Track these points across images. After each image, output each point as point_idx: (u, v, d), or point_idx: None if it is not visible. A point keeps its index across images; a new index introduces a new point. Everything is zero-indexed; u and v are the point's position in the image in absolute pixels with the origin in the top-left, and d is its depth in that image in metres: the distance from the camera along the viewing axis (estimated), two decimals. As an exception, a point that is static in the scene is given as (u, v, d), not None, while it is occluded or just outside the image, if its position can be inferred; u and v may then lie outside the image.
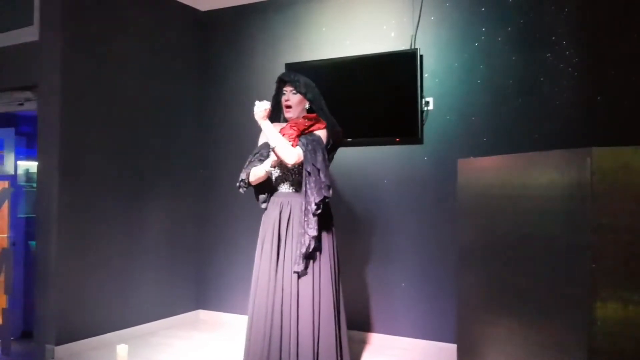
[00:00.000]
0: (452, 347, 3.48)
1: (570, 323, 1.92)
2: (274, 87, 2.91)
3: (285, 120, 3.01)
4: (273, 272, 2.83)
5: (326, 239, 2.90)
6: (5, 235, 4.41)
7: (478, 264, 2.57)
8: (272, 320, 2.78)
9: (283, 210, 2.89)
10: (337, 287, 2.94)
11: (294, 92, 2.94)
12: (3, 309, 4.00)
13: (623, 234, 1.81)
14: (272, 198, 2.99)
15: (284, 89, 2.97)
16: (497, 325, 2.37)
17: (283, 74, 3.05)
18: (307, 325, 2.76)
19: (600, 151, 1.82)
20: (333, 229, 2.97)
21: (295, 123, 2.90)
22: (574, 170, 1.90)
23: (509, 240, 2.31)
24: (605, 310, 1.80)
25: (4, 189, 4.22)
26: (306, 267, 2.80)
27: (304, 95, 2.94)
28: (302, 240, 2.77)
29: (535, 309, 2.13)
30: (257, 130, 3.01)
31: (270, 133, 2.81)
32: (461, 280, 2.72)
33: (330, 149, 2.97)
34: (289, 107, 2.95)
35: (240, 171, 2.94)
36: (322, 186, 2.75)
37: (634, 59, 3.23)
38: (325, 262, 2.86)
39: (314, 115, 2.96)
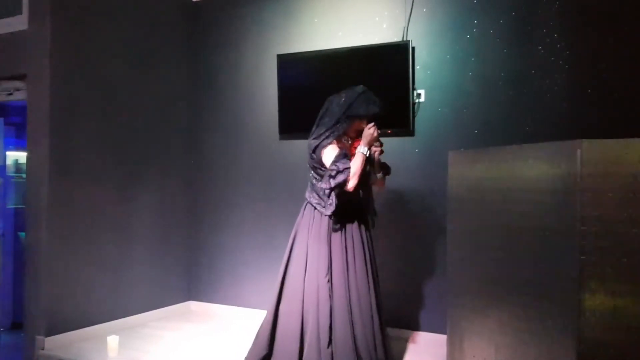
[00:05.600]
0: (442, 338, 3.50)
1: (559, 314, 1.94)
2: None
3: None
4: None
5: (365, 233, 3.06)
6: (-6, 226, 4.39)
7: (468, 255, 2.59)
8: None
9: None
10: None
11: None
12: (-8, 300, 3.98)
13: (612, 226, 1.83)
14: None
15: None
16: (488, 316, 2.39)
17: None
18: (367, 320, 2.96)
19: (591, 144, 1.84)
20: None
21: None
22: (565, 163, 1.92)
23: (499, 231, 2.33)
24: (594, 301, 1.82)
25: (-8, 179, 4.19)
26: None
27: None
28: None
29: (525, 299, 2.15)
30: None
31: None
32: (451, 271, 2.74)
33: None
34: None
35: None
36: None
37: (625, 52, 3.24)
38: (369, 259, 3.04)
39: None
